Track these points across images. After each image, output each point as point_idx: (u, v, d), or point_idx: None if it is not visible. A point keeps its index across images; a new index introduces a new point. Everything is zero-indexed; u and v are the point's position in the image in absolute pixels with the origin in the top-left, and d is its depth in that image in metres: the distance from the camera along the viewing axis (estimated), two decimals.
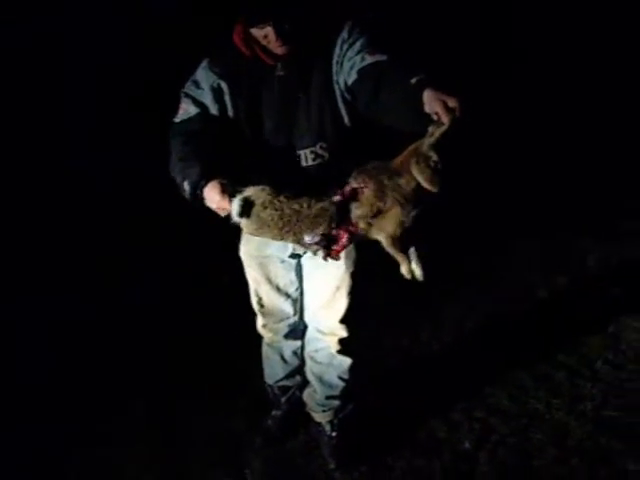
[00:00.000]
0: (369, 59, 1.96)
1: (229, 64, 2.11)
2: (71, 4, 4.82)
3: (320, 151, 2.10)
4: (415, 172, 1.76)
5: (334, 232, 1.85)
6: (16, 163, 4.60)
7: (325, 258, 1.88)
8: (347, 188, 1.86)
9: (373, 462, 2.66)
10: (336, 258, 1.90)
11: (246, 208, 1.87)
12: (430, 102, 1.71)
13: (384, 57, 1.95)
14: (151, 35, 4.85)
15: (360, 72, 1.97)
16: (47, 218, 4.31)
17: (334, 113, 2.09)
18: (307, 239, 1.85)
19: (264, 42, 2.02)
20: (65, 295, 3.67)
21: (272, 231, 1.88)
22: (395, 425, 2.83)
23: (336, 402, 2.65)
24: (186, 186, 1.95)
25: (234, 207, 1.86)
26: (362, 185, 1.83)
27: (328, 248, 1.86)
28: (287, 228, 1.86)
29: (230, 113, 2.12)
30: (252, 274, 2.49)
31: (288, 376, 2.76)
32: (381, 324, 3.47)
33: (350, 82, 2.02)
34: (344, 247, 1.89)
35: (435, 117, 1.71)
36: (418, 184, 1.77)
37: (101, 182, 4.57)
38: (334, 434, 2.70)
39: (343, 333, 2.45)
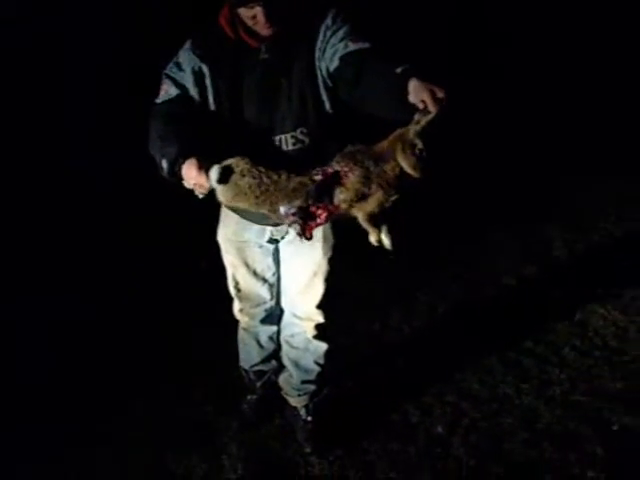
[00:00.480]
0: (352, 46, 1.96)
1: (212, 47, 2.09)
2: (71, 4, 4.73)
3: (300, 136, 2.09)
4: (400, 159, 1.77)
5: (313, 208, 1.84)
6: (16, 163, 4.51)
7: (299, 234, 1.86)
8: (329, 170, 1.85)
9: (348, 446, 2.68)
10: (309, 237, 1.89)
11: (224, 175, 1.86)
12: (417, 91, 1.72)
13: (367, 45, 1.96)
14: (151, 34, 4.79)
15: (342, 59, 1.97)
16: (47, 218, 4.24)
17: (315, 99, 2.08)
18: (282, 210, 1.84)
19: (250, 23, 2.00)
20: (65, 295, 3.61)
21: (248, 199, 1.87)
22: (369, 409, 2.86)
23: (311, 387, 2.66)
24: (164, 164, 1.92)
25: (212, 173, 1.85)
26: (346, 169, 1.83)
27: (304, 223, 1.85)
28: (263, 197, 1.85)
29: (211, 96, 2.09)
30: (229, 259, 2.48)
31: (264, 361, 2.77)
32: (353, 309, 3.49)
33: (332, 68, 2.01)
34: (320, 225, 1.89)
35: (421, 106, 1.71)
36: (402, 170, 1.79)
37: (101, 182, 4.51)
38: (309, 418, 2.72)
39: (319, 318, 2.47)
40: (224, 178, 1.86)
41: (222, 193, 1.89)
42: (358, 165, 1.83)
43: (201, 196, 1.93)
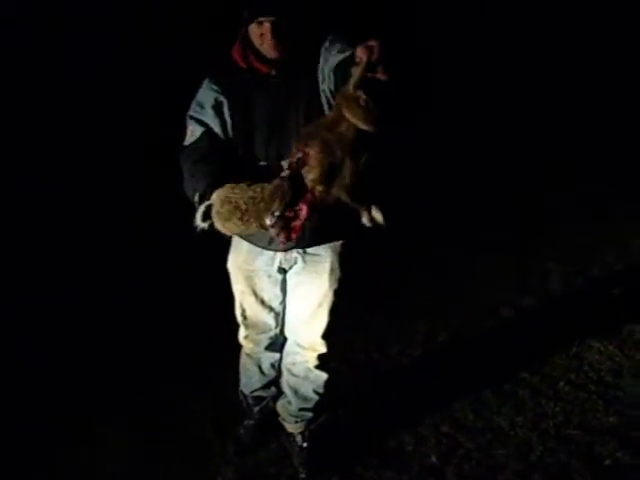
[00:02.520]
0: (341, 57, 2.01)
1: (227, 79, 2.21)
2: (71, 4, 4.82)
3: None
4: (348, 115, 1.77)
5: (292, 209, 1.83)
6: (16, 162, 4.56)
7: (284, 241, 1.87)
8: (292, 160, 1.86)
9: (343, 473, 2.71)
10: (294, 238, 1.88)
11: (207, 212, 1.93)
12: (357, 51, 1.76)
13: (352, 51, 1.96)
14: (151, 34, 4.86)
15: (334, 71, 2.03)
16: (47, 218, 4.29)
17: None
18: (267, 222, 1.84)
19: (259, 42, 2.11)
20: (65, 295, 3.65)
21: (236, 223, 1.89)
22: (364, 437, 2.89)
23: (309, 414, 2.70)
24: (196, 198, 2.01)
25: (197, 215, 1.94)
26: (307, 149, 1.83)
27: (287, 227, 1.84)
28: (246, 217, 1.87)
29: (229, 127, 2.20)
30: (238, 286, 2.53)
31: (264, 387, 2.81)
32: (351, 337, 3.51)
33: (332, 86, 2.08)
34: (305, 220, 1.86)
35: (358, 60, 1.75)
36: (358, 128, 1.78)
37: (101, 181, 4.56)
38: (305, 444, 2.74)
39: (322, 349, 2.51)
40: (207, 215, 1.93)
41: (216, 225, 1.95)
42: (314, 139, 1.84)
43: None
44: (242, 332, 2.67)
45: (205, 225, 1.96)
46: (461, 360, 3.39)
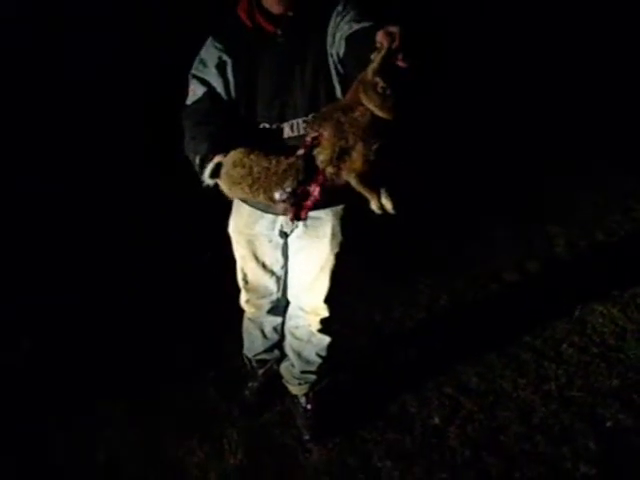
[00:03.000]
0: (355, 27, 1.97)
1: (232, 37, 2.16)
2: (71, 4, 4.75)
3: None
4: (365, 101, 1.74)
5: (304, 188, 1.81)
6: (16, 161, 4.54)
7: (292, 219, 1.85)
8: (307, 139, 1.84)
9: (346, 434, 2.74)
10: (304, 217, 1.86)
11: (216, 170, 1.92)
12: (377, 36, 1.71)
13: (370, 23, 1.94)
14: (151, 34, 4.81)
15: (347, 40, 1.99)
16: (47, 218, 4.24)
17: (327, 85, 2.12)
18: (277, 196, 1.83)
19: None
20: (65, 295, 3.62)
21: (243, 189, 1.88)
22: (368, 399, 2.91)
23: (312, 376, 2.71)
24: (197, 161, 1.99)
25: (206, 171, 1.91)
26: (320, 130, 1.81)
27: (298, 205, 1.82)
28: (256, 186, 1.86)
29: (232, 87, 2.15)
30: (240, 251, 2.52)
31: (267, 350, 2.82)
32: (354, 300, 3.52)
33: (341, 52, 2.04)
34: (316, 201, 1.84)
35: (378, 46, 1.70)
36: (373, 114, 1.75)
37: (102, 179, 4.54)
38: (309, 406, 2.77)
39: (325, 313, 2.51)
40: (216, 173, 1.91)
41: (222, 185, 1.94)
42: (328, 121, 1.81)
43: None
44: (243, 296, 2.66)
45: (212, 182, 1.94)
46: (464, 323, 3.40)
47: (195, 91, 2.15)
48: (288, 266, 2.53)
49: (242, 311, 2.75)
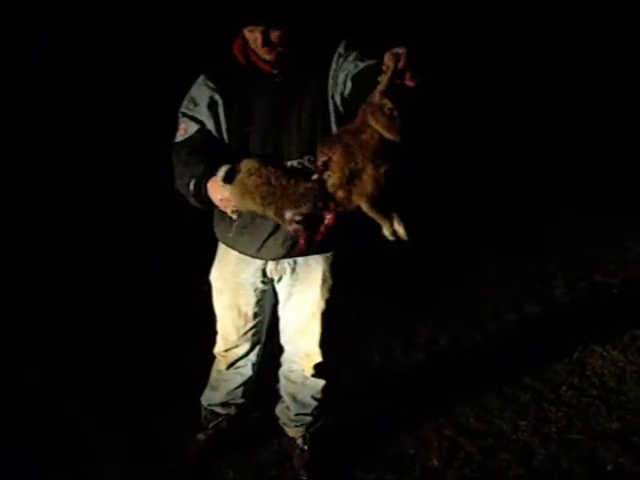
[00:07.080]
0: (361, 65, 1.99)
1: (225, 76, 2.16)
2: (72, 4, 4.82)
3: (307, 164, 2.10)
4: (373, 123, 1.75)
5: (319, 212, 1.82)
6: (17, 163, 4.57)
7: (304, 243, 1.86)
8: (319, 164, 1.84)
9: (344, 475, 2.70)
10: (319, 240, 1.87)
11: (231, 173, 1.90)
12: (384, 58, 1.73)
13: (375, 61, 1.94)
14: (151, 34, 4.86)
15: (354, 79, 1.99)
16: (47, 218, 4.28)
17: (325, 127, 2.11)
18: (288, 215, 1.83)
19: (254, 46, 2.07)
20: (65, 295, 3.64)
21: (255, 199, 1.87)
22: (366, 440, 2.87)
23: (308, 418, 2.68)
24: (191, 186, 2.00)
25: (219, 173, 1.91)
26: (330, 153, 1.81)
27: (311, 229, 1.83)
28: (270, 199, 1.85)
29: (223, 125, 2.14)
30: (221, 300, 2.48)
31: (223, 405, 2.73)
32: (353, 340, 3.51)
33: (347, 93, 2.04)
34: (329, 227, 1.84)
35: (384, 68, 1.72)
36: (382, 136, 1.76)
37: (102, 182, 4.57)
38: (306, 447, 2.73)
39: (318, 358, 2.47)
40: (230, 177, 1.90)
41: (232, 193, 1.92)
42: (337, 144, 1.82)
43: (234, 216, 2.02)
44: (219, 346, 2.61)
45: (201, 206, 1.99)
46: (463, 363, 3.39)
47: (187, 129, 2.14)
48: (279, 312, 2.50)
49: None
